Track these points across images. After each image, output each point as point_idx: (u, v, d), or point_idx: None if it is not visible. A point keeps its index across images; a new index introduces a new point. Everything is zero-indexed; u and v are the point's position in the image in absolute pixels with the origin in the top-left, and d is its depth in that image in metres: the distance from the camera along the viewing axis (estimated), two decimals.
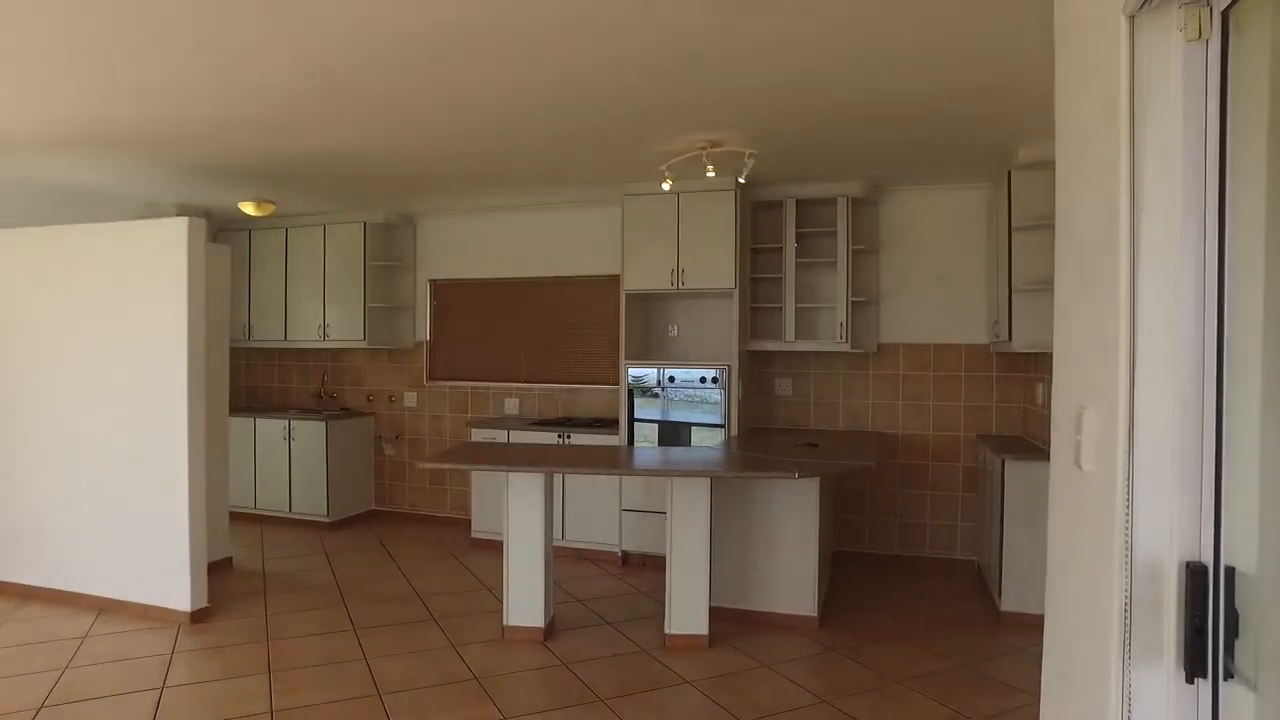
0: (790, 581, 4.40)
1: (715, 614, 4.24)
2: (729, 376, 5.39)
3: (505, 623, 4.18)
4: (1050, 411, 1.78)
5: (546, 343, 6.54)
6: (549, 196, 6.12)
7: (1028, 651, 3.93)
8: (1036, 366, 4.98)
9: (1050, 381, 1.79)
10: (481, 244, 6.67)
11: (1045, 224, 4.33)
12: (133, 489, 4.57)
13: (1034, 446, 4.75)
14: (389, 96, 3.71)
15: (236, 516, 6.11)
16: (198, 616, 4.45)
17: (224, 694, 3.56)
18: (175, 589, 4.45)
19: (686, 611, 4.10)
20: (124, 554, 4.60)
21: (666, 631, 4.12)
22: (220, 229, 6.96)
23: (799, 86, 3.52)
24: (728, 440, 5.28)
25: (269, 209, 6.32)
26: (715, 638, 4.16)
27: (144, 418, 4.52)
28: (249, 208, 6.25)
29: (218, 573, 5.00)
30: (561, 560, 5.19)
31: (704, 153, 4.42)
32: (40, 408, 4.88)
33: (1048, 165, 4.23)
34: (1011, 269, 4.55)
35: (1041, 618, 1.86)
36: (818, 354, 5.78)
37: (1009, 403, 5.44)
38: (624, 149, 4.64)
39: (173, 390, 4.43)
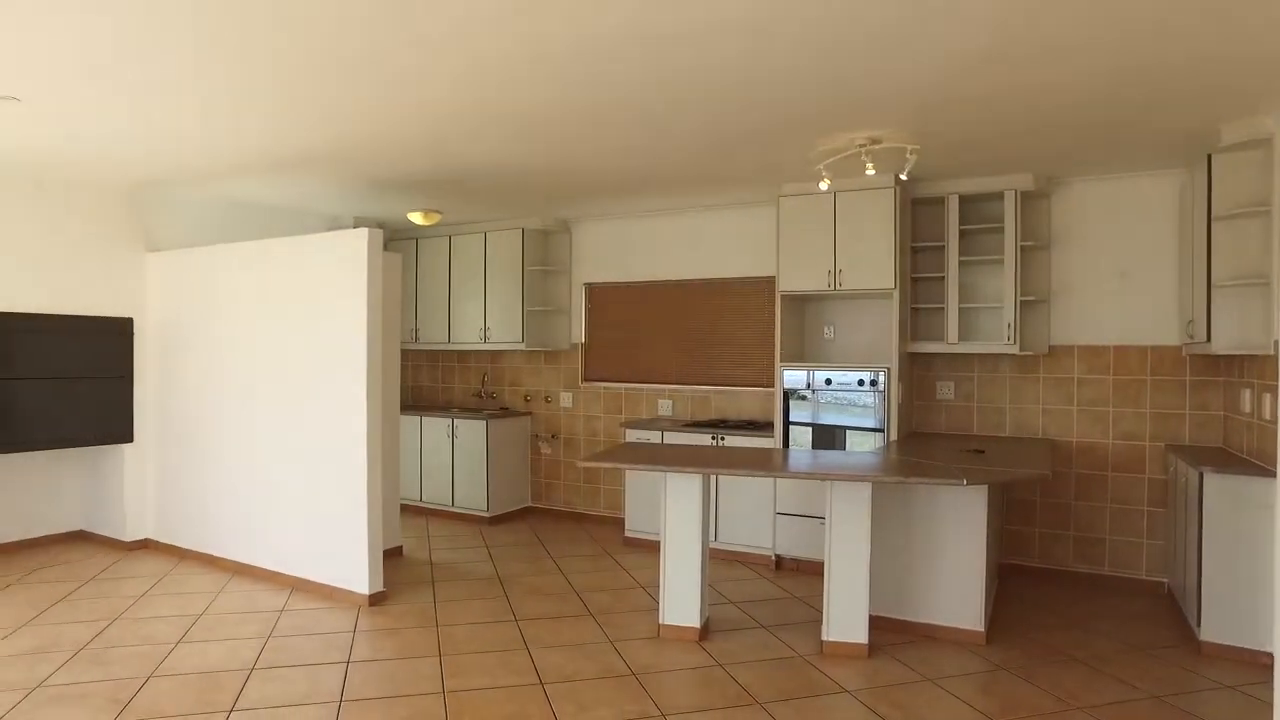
0: (955, 593, 4.20)
1: (874, 623, 4.11)
2: (888, 379, 5.22)
3: (661, 621, 4.22)
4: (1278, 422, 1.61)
5: (699, 345, 6.57)
6: (702, 199, 6.15)
7: (1239, 692, 3.56)
8: (1241, 370, 4.51)
9: (1259, 387, 1.61)
10: (635, 248, 6.79)
11: (1254, 211, 3.92)
12: (321, 481, 4.97)
13: (1238, 459, 4.30)
14: (543, 111, 3.86)
15: (405, 509, 6.51)
16: (375, 599, 4.77)
17: (400, 672, 3.80)
18: (356, 573, 4.80)
19: (845, 619, 4.00)
20: (313, 539, 5.01)
21: (824, 638, 4.04)
22: (391, 238, 7.45)
23: (969, 73, 3.36)
24: (886, 445, 5.11)
25: (435, 218, 6.72)
26: (875, 647, 4.04)
27: (332, 413, 4.91)
28: (417, 217, 6.67)
29: (390, 560, 5.34)
30: (714, 562, 5.20)
31: (863, 150, 4.30)
32: (246, 405, 5.41)
33: (1258, 145, 3.85)
34: (1211, 263, 4.14)
35: (1254, 652, 1.67)
36: (982, 356, 5.49)
37: (1206, 410, 4.95)
38: (780, 150, 4.59)
39: (355, 390, 4.78)
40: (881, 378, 5.24)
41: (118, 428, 5.90)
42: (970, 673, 3.84)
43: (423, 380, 8.08)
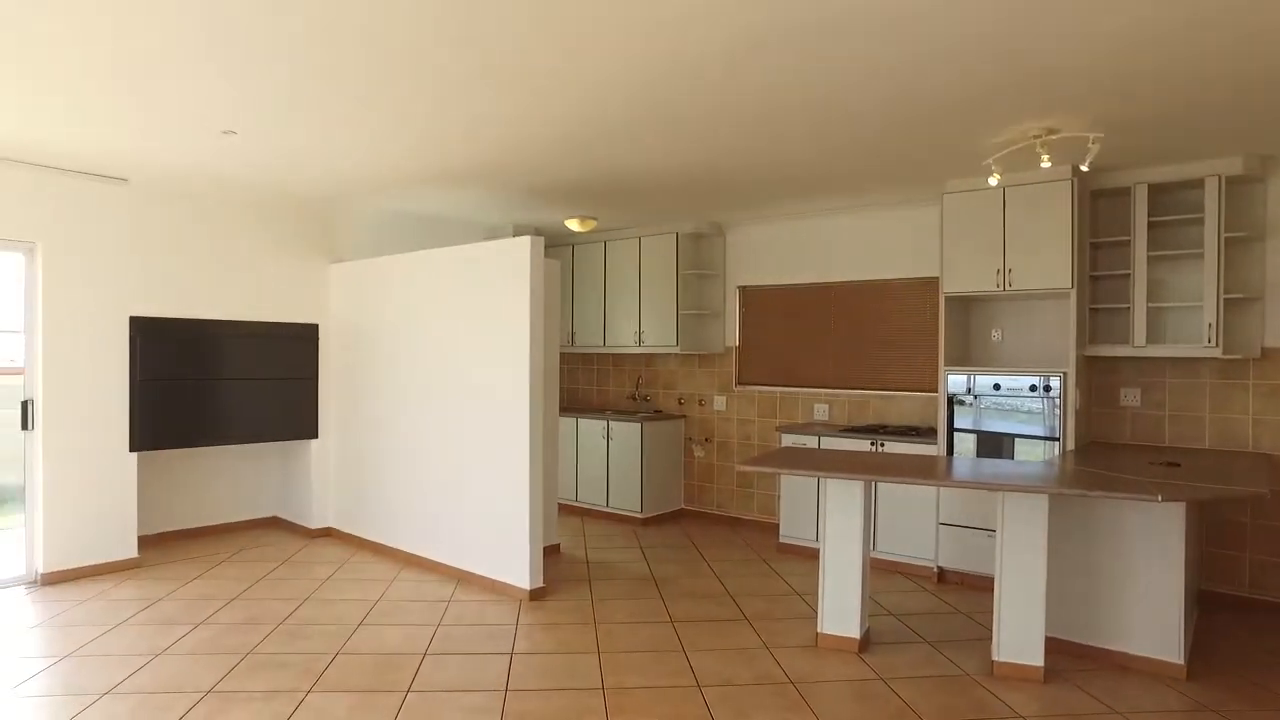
0: (1147, 620, 3.84)
1: (1051, 645, 3.84)
2: (1064, 384, 4.86)
3: (820, 630, 4.13)
4: None
5: (856, 348, 6.39)
6: (859, 199, 5.98)
7: None
8: None
9: None
10: (789, 250, 6.70)
11: None
12: (486, 479, 5.22)
13: None
14: (700, 115, 3.86)
15: (561, 508, 6.72)
16: (535, 595, 4.95)
17: (561, 667, 3.91)
18: (518, 569, 5.00)
19: (1017, 639, 3.76)
20: (478, 535, 5.26)
21: (994, 658, 3.81)
22: (549, 245, 7.71)
23: (1168, 43, 3.08)
24: (1062, 454, 4.76)
25: (591, 225, 6.90)
26: (1052, 672, 3.77)
27: (496, 413, 5.14)
28: (574, 224, 6.87)
29: (548, 557, 5.52)
30: (873, 572, 5.04)
31: (1039, 140, 4.04)
32: (417, 406, 5.76)
33: None
34: None
35: None
36: (1176, 360, 5.01)
37: None
38: (944, 145, 4.39)
39: (518, 392, 4.99)
40: (1055, 383, 4.90)
41: (305, 425, 6.45)
42: (1167, 710, 3.50)
43: (578, 383, 8.31)
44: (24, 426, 5.25)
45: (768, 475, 6.68)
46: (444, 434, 5.53)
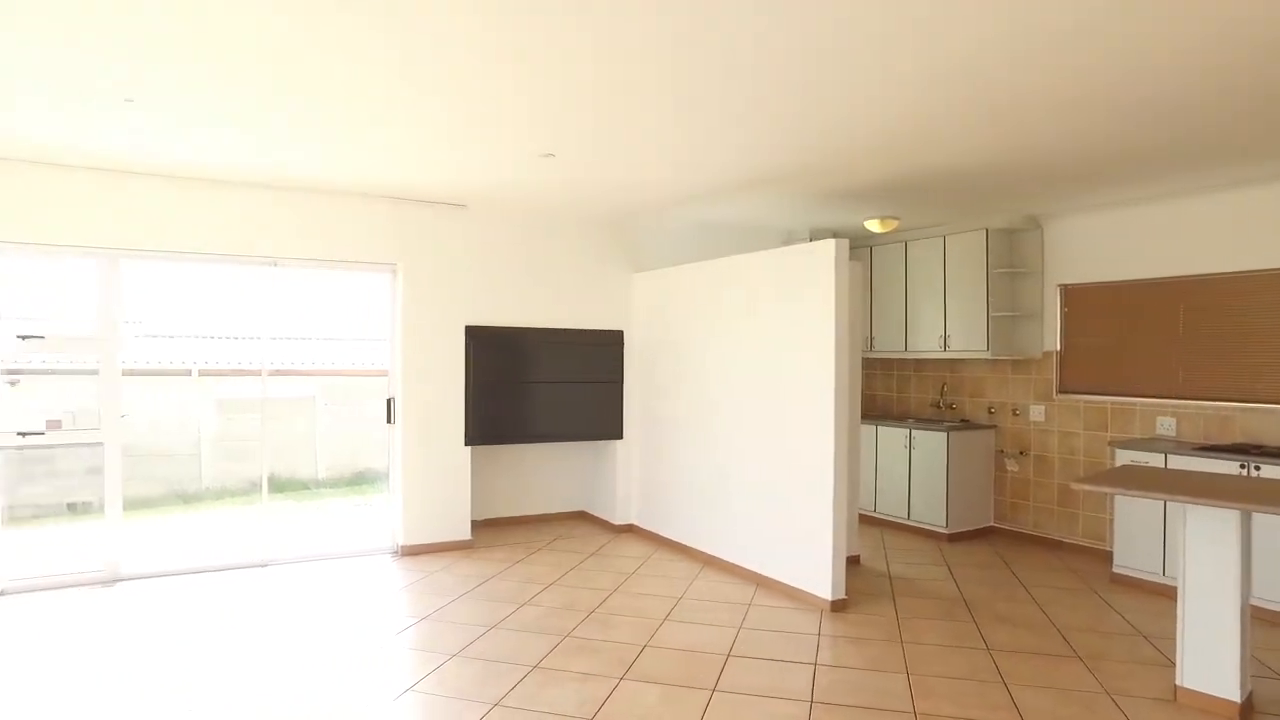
0: None
1: None
2: None
3: (1178, 683, 3.53)
4: None
5: (1212, 352, 5.43)
6: (1206, 179, 5.07)
7: None
8: None
9: None
10: (1121, 241, 5.88)
11: None
12: (787, 485, 5.17)
13: None
14: (1017, 100, 3.48)
15: (860, 518, 6.46)
16: (837, 606, 4.80)
17: (867, 684, 3.74)
18: (818, 578, 4.88)
19: None
20: (777, 540, 5.23)
21: None
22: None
23: None
24: None
25: (892, 225, 6.59)
26: None
27: (798, 420, 5.08)
28: (874, 225, 6.61)
29: (848, 569, 5.31)
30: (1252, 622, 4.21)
31: None
32: (717, 409, 5.88)
33: None
34: None
35: None
36: None
37: None
38: None
39: (821, 398, 4.88)
40: None
41: (611, 426, 6.87)
42: None
43: (877, 389, 7.98)
44: (388, 420, 6.16)
45: (1096, 496, 5.90)
46: (745, 439, 5.57)
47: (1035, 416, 6.48)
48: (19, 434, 5.20)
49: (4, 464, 5.03)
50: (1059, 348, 6.32)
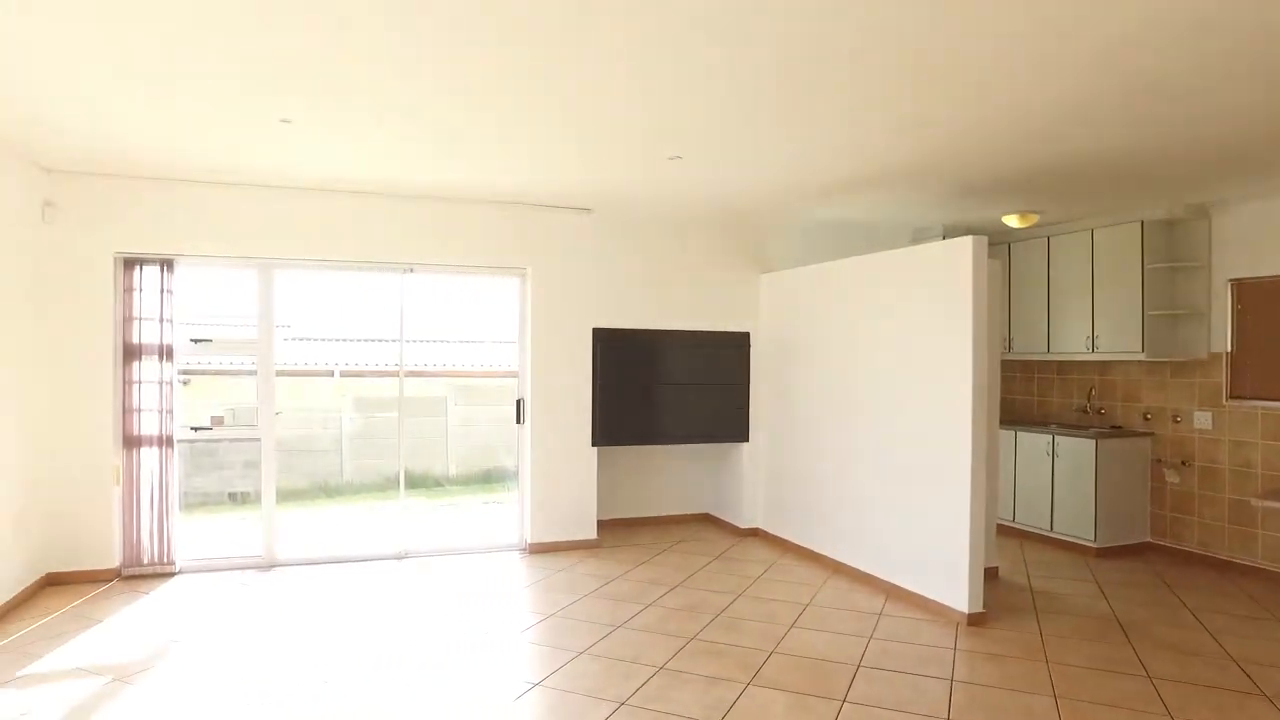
0: None
1: None
2: None
3: None
4: None
5: None
6: None
7: None
8: None
9: None
10: None
11: None
12: (920, 492, 4.96)
13: None
14: (1181, 78, 3.19)
15: (998, 529, 6.12)
16: (974, 620, 4.56)
17: (1009, 704, 3.52)
18: (954, 589, 4.65)
19: None
20: (910, 549, 5.03)
21: None
22: None
23: None
24: None
25: (1033, 219, 6.23)
26: None
27: (934, 424, 4.87)
28: (1012, 221, 6.26)
29: (986, 581, 5.02)
30: None
31: None
32: (847, 413, 5.72)
33: None
34: None
35: None
36: None
37: None
38: None
39: (958, 402, 4.66)
40: None
41: (736, 428, 6.80)
42: None
43: (1015, 392, 7.55)
44: (517, 421, 6.33)
45: (1279, 516, 5.34)
46: (875, 443, 5.39)
47: (1200, 424, 5.94)
48: (191, 429, 5.66)
49: (180, 457, 5.49)
50: (1230, 348, 5.77)
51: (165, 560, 5.38)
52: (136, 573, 5.34)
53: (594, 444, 6.34)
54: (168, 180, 5.28)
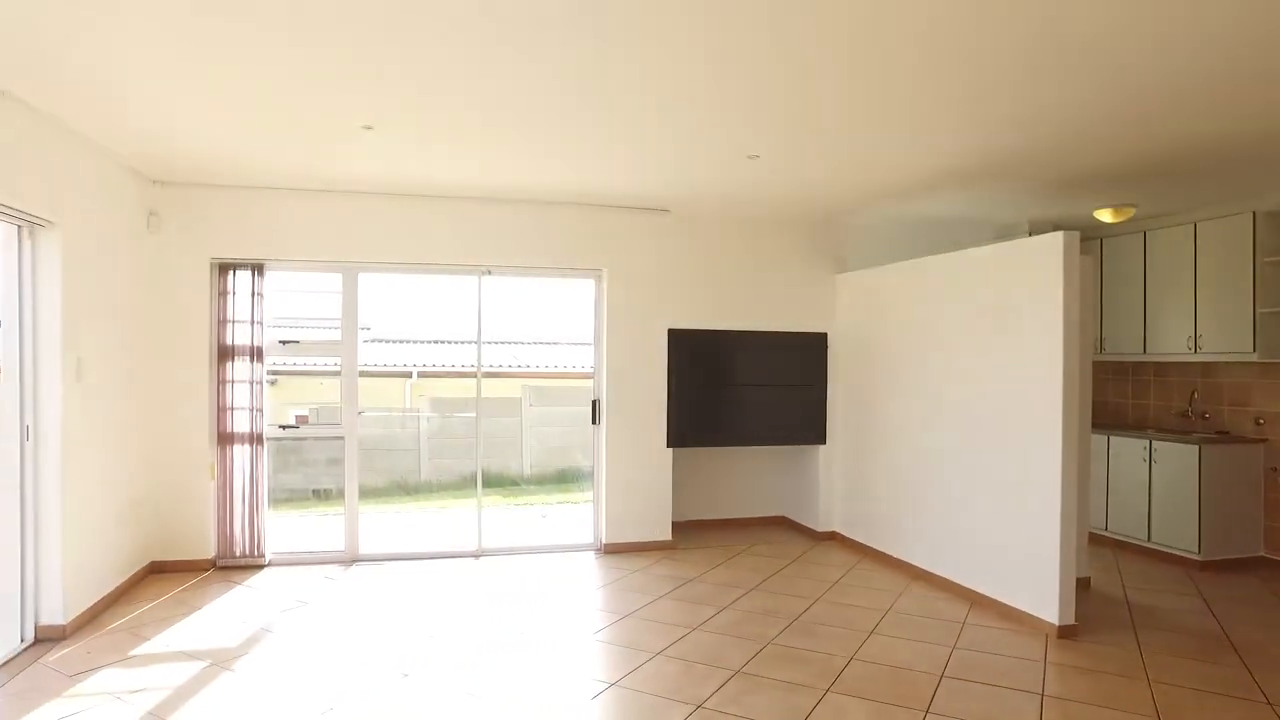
0: None
1: None
2: None
3: None
4: None
5: None
6: None
7: None
8: None
9: None
10: None
11: None
12: (1008, 498, 4.78)
13: None
14: None
15: (1089, 537, 5.85)
16: (1065, 632, 4.36)
17: None
18: (1044, 600, 4.46)
19: None
20: (996, 557, 4.84)
21: None
22: None
23: None
24: None
25: (1128, 213, 5.92)
26: None
27: (1021, 428, 4.68)
28: (1105, 215, 5.97)
29: (1077, 592, 4.80)
30: None
31: None
32: (929, 416, 5.55)
33: None
34: None
35: None
36: None
37: None
38: None
39: (1048, 405, 4.46)
40: None
41: (813, 430, 6.68)
42: None
43: (1108, 395, 7.20)
44: (593, 421, 6.36)
45: None
46: (960, 446, 5.21)
47: None
48: (280, 427, 5.88)
49: (269, 454, 5.70)
50: None
51: (256, 553, 5.59)
52: (230, 564, 5.56)
53: (670, 445, 6.32)
54: (258, 188, 5.50)
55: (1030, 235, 5.66)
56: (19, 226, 4.06)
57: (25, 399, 4.11)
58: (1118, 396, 7.13)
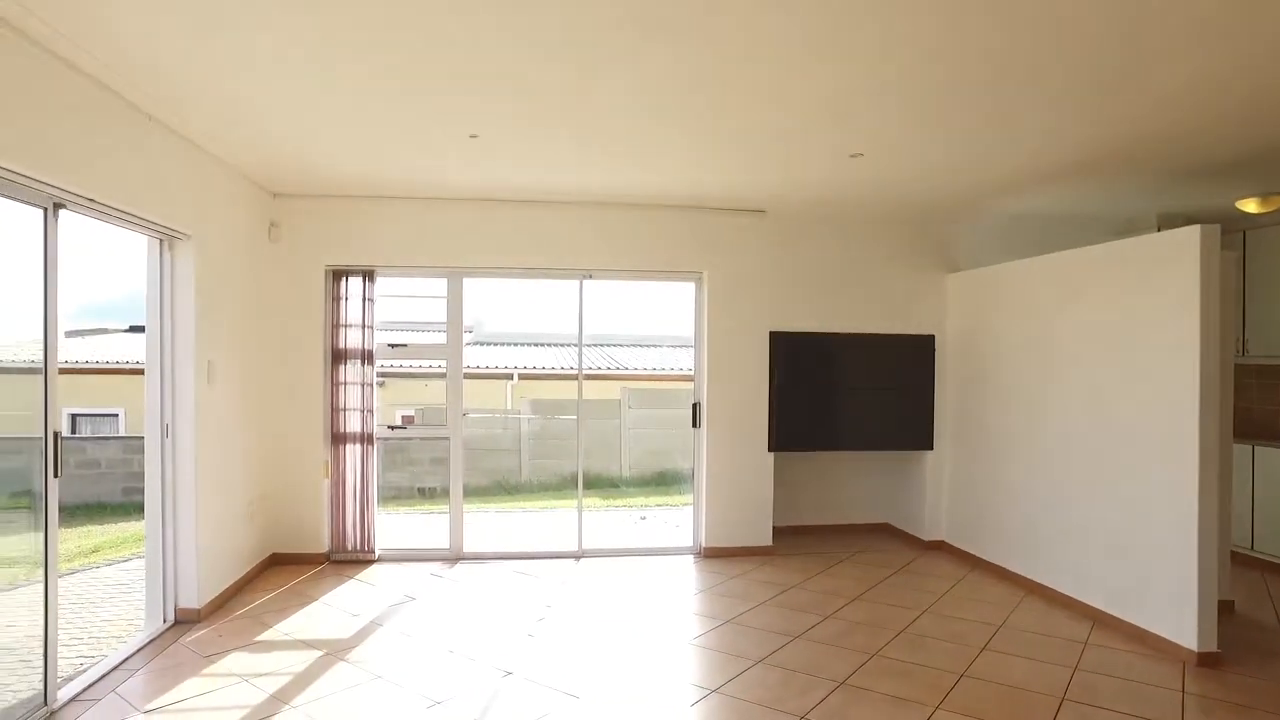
0: None
1: None
2: None
3: None
4: None
5: None
6: None
7: None
8: None
9: None
10: None
11: None
12: (1136, 511, 4.46)
13: None
14: None
15: (1232, 557, 5.40)
16: (1205, 659, 4.02)
17: None
18: (1180, 622, 4.14)
19: None
20: (1122, 574, 4.53)
21: None
22: None
23: None
24: None
25: (1277, 203, 5.45)
26: None
27: (1153, 437, 4.36)
28: (1250, 205, 5.51)
29: (1219, 616, 4.45)
30: None
31: None
32: (1048, 421, 5.25)
33: None
34: None
35: None
36: None
37: None
38: None
39: (1181, 412, 4.15)
40: None
41: (919, 435, 6.43)
42: None
43: (1251, 402, 6.65)
44: (694, 425, 6.32)
45: None
46: (1083, 455, 4.91)
47: None
48: (389, 428, 6.10)
49: (379, 453, 5.92)
50: None
51: (366, 548, 5.82)
52: (343, 558, 5.80)
53: (770, 449, 6.21)
54: (369, 198, 5.73)
55: (1159, 230, 5.28)
56: (161, 239, 4.36)
57: (165, 399, 4.41)
58: (1264, 403, 6.56)
